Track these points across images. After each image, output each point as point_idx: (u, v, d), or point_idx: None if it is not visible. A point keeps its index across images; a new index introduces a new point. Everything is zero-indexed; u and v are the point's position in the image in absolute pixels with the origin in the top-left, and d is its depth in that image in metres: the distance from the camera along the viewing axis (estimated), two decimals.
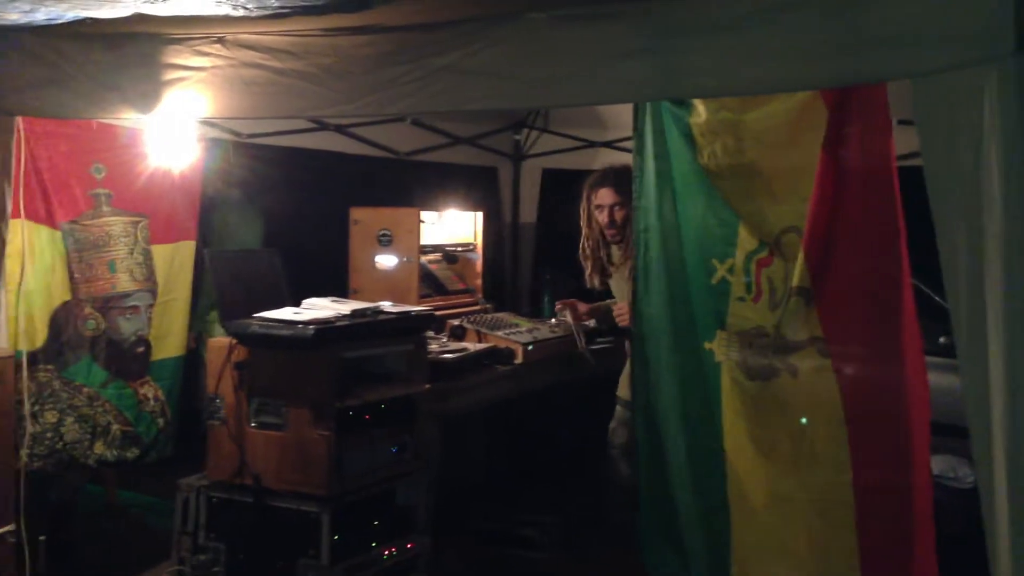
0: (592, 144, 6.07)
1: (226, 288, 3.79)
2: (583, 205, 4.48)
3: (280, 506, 3.49)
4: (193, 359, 4.78)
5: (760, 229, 3.01)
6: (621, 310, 4.47)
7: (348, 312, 3.65)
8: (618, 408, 4.35)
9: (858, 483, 2.84)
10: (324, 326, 3.44)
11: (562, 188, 6.51)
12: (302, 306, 3.77)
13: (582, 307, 4.76)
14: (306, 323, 3.43)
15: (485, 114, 5.98)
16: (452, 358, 4.25)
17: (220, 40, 3.33)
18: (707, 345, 3.11)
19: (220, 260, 3.83)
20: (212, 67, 3.34)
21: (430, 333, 4.27)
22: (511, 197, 6.41)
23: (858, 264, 2.83)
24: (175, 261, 4.41)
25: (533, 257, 6.48)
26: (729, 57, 2.25)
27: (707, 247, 3.11)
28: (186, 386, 4.57)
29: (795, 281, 2.88)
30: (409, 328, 3.90)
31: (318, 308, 3.71)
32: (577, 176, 6.42)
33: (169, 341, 4.41)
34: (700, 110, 3.03)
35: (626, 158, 5.77)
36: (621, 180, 4.14)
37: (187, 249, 4.45)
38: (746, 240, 3.03)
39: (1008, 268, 1.86)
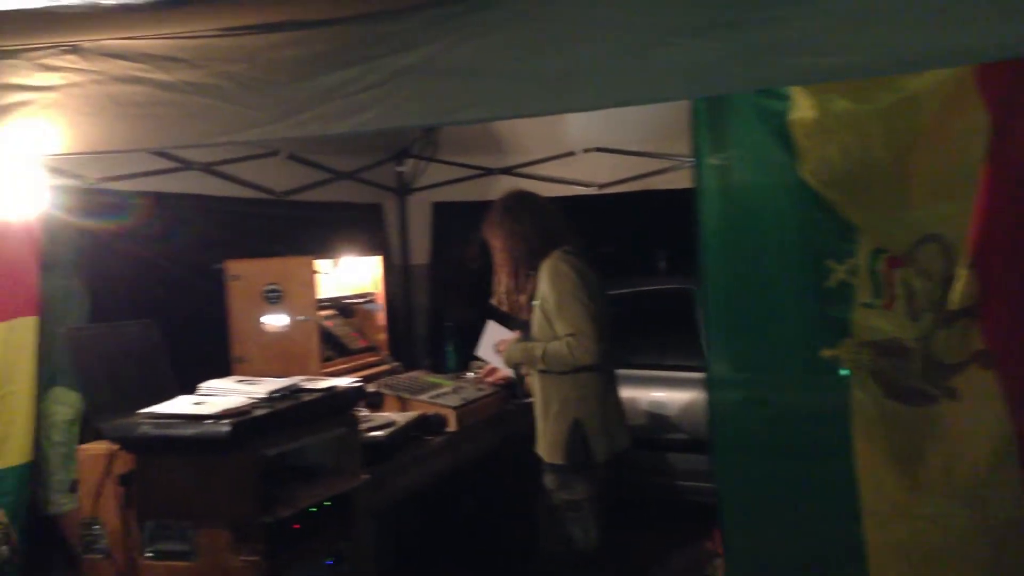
0: (489, 172, 5.43)
1: (95, 378, 2.89)
2: None
3: None
4: None
5: (884, 239, 2.50)
6: (491, 374, 4.30)
7: (264, 395, 2.85)
8: (549, 474, 3.59)
9: None
10: (241, 418, 2.63)
11: (457, 223, 5.86)
12: (200, 392, 2.93)
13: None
14: (217, 416, 2.60)
15: (365, 143, 5.24)
16: (383, 435, 3.49)
17: (74, 49, 2.49)
18: (826, 352, 2.56)
19: (83, 340, 2.92)
20: (65, 85, 2.49)
21: None
22: (399, 236, 5.66)
23: None
24: (10, 344, 3.42)
25: (429, 302, 5.74)
26: (848, 24, 1.66)
27: (817, 248, 2.59)
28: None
29: (955, 303, 2.38)
30: (336, 407, 3.13)
31: (223, 393, 2.88)
32: (473, 209, 5.81)
33: (9, 446, 3.41)
34: (804, 103, 2.44)
35: (530, 186, 5.25)
36: (499, 208, 3.72)
37: (26, 327, 3.45)
38: (869, 239, 2.53)
39: None
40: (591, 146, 5.14)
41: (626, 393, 3.87)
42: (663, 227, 6.92)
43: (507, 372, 4.28)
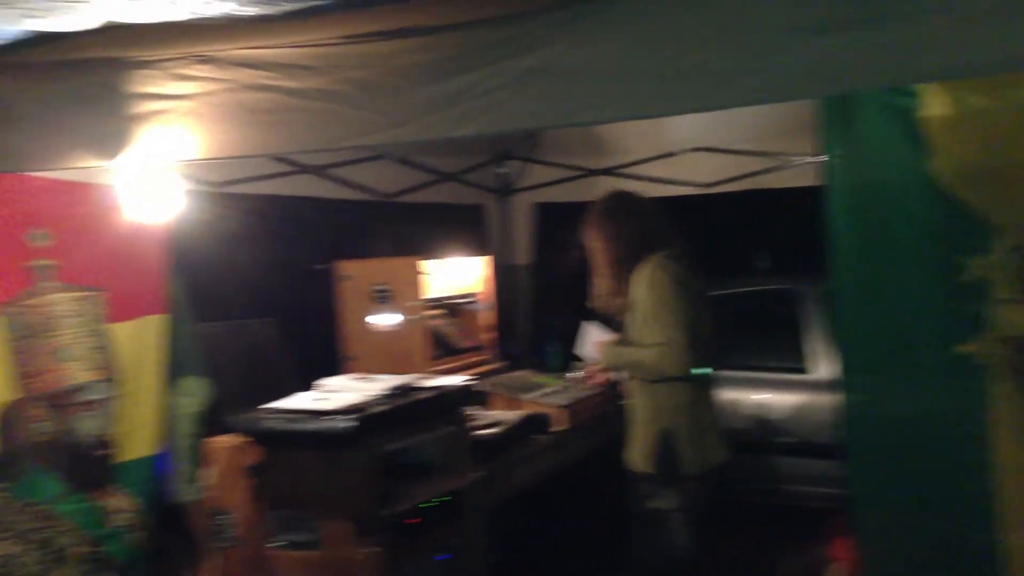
0: (590, 172, 5.45)
1: (223, 373, 3.02)
2: None
3: None
4: None
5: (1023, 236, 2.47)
6: (595, 375, 4.06)
7: (381, 393, 2.93)
8: (640, 483, 3.50)
9: None
10: (364, 414, 2.71)
11: (558, 223, 5.89)
12: (319, 388, 3.03)
13: None
14: (341, 412, 2.70)
15: (468, 145, 5.31)
16: (492, 434, 3.55)
17: (208, 59, 2.60)
18: (962, 348, 2.53)
19: (214, 338, 3.05)
20: (200, 93, 2.59)
21: None
22: (500, 236, 5.73)
23: None
24: (140, 341, 3.59)
25: (531, 303, 5.79)
26: (980, 20, 1.62)
27: (950, 244, 2.56)
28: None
29: None
30: (449, 405, 3.19)
31: (342, 390, 2.97)
32: (574, 209, 5.85)
33: (140, 437, 3.57)
34: (934, 100, 2.42)
35: (632, 186, 5.24)
36: (597, 210, 3.67)
37: (154, 325, 3.62)
38: (1008, 235, 2.49)
39: None
40: (693, 146, 5.11)
41: (728, 395, 3.80)
42: (766, 227, 6.87)
43: (610, 374, 4.28)
